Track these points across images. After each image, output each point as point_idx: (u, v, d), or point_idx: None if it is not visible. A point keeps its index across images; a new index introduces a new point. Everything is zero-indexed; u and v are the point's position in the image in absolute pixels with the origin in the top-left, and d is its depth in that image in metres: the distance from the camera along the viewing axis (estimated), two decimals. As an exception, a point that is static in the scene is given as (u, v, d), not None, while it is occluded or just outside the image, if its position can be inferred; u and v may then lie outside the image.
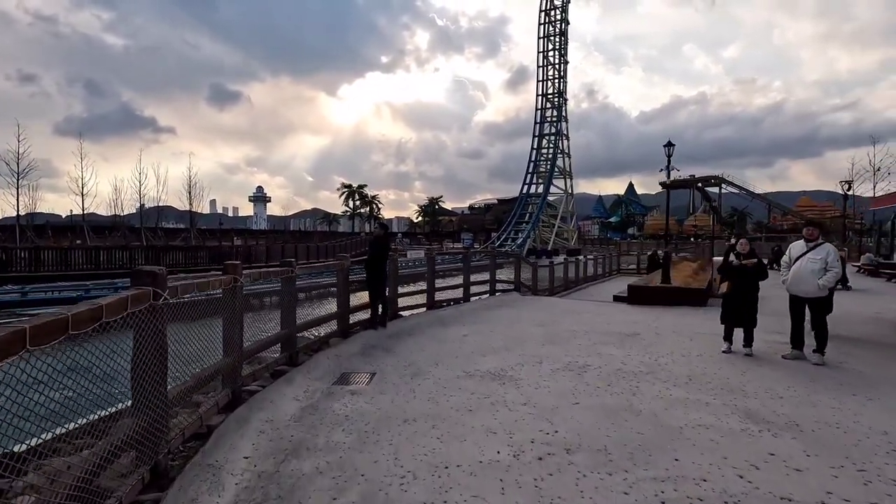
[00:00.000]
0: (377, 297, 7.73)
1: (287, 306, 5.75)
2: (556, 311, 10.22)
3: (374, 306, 7.76)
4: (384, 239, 7.87)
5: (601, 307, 10.80)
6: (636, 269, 25.36)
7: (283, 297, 5.75)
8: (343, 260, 7.22)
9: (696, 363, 5.73)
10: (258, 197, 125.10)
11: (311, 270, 6.84)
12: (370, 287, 7.63)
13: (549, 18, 70.50)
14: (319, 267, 6.95)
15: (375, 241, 7.73)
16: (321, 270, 6.98)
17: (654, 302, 10.97)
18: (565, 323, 8.60)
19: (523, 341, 7.02)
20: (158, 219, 49.60)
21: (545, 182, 67.41)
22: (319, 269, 6.93)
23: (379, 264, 7.69)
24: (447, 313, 9.40)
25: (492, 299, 11.59)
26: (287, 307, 5.75)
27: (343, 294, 7.26)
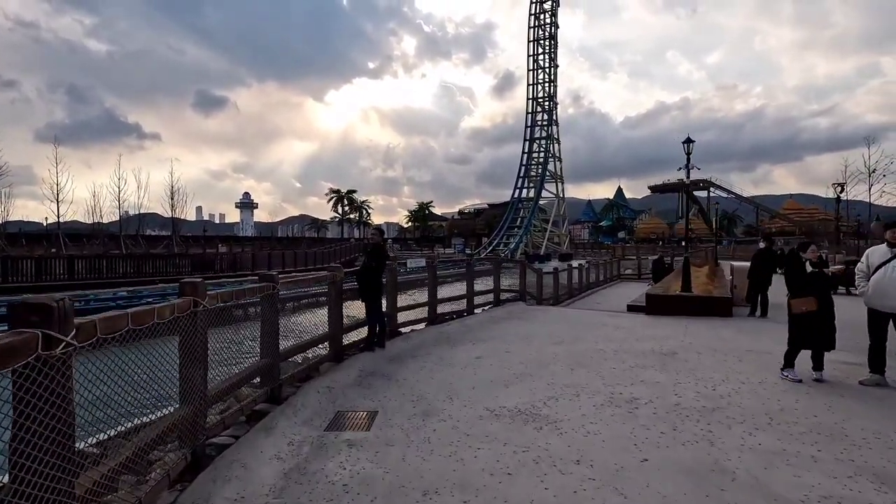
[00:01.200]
0: (374, 313, 6.70)
1: (268, 331, 4.70)
2: (571, 323, 9.25)
3: (370, 324, 6.72)
4: (382, 247, 6.86)
5: (619, 319, 9.86)
6: (637, 275, 24.56)
7: (264, 322, 4.69)
8: (335, 271, 6.18)
9: (766, 394, 4.77)
10: (245, 203, 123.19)
11: (298, 286, 5.81)
12: (366, 302, 6.59)
13: (539, 22, 70.21)
14: (308, 281, 5.87)
15: (373, 249, 6.71)
16: (310, 285, 5.86)
17: (675, 312, 10.06)
18: (587, 339, 7.62)
19: (547, 364, 6.02)
20: (140, 226, 47.92)
21: (537, 186, 66.79)
22: (308, 283, 5.83)
23: (376, 276, 6.66)
24: (453, 329, 8.38)
25: (498, 311, 10.59)
26: (268, 332, 4.69)
27: (336, 312, 6.21)
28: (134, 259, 26.17)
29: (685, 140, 11.26)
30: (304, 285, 6.02)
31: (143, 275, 25.35)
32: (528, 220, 63.82)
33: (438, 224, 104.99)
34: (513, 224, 64.91)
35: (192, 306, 3.26)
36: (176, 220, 50.15)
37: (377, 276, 6.68)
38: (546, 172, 67.46)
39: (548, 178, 67.98)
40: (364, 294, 6.53)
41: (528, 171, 68.58)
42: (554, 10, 69.98)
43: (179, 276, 28.29)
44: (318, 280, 5.84)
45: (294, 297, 16.76)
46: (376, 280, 6.67)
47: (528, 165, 68.71)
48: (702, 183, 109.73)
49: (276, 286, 4.72)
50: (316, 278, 5.82)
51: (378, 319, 6.79)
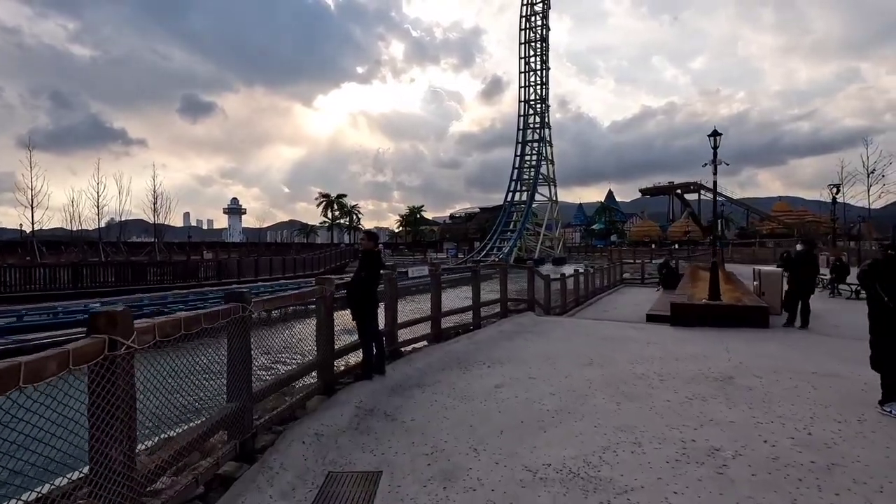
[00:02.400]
0: (370, 334, 5.59)
1: (237, 368, 3.58)
2: (594, 338, 8.20)
3: (366, 347, 5.61)
4: (376, 254, 5.75)
5: (644, 332, 8.83)
6: (640, 280, 23.67)
7: (232, 356, 3.56)
8: (324, 284, 5.07)
9: (881, 440, 3.74)
10: (233, 209, 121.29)
11: (276, 305, 4.65)
12: (361, 320, 5.49)
13: (530, 24, 69.64)
14: (289, 299, 4.74)
15: (367, 257, 5.61)
16: (293, 303, 4.72)
17: (703, 322, 9.06)
18: (619, 359, 6.57)
19: (584, 396, 4.95)
20: (122, 232, 46.23)
21: (530, 189, 65.98)
22: (289, 301, 4.69)
23: (369, 289, 5.56)
24: (461, 348, 7.29)
25: (507, 323, 9.52)
26: (237, 369, 3.57)
27: (325, 334, 5.10)
28: (109, 267, 24.70)
29: (711, 133, 10.27)
30: (285, 304, 4.87)
31: (122, 283, 23.91)
32: (521, 224, 62.89)
33: (430, 229, 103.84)
34: (506, 228, 63.95)
35: (103, 350, 2.15)
36: (161, 226, 48.57)
37: (371, 288, 5.59)
38: (539, 175, 66.67)
39: (540, 182, 67.22)
40: (356, 311, 5.43)
41: (520, 174, 67.74)
42: (545, 12, 69.50)
43: (158, 286, 26.90)
44: (303, 297, 4.73)
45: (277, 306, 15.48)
46: (371, 294, 5.57)
47: (521, 168, 67.86)
48: (692, 186, 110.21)
49: (248, 308, 3.61)
50: (300, 295, 4.70)
51: (375, 340, 5.68)
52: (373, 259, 5.60)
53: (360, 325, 5.51)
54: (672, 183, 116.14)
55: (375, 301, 5.68)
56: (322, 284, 5.12)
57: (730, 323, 8.91)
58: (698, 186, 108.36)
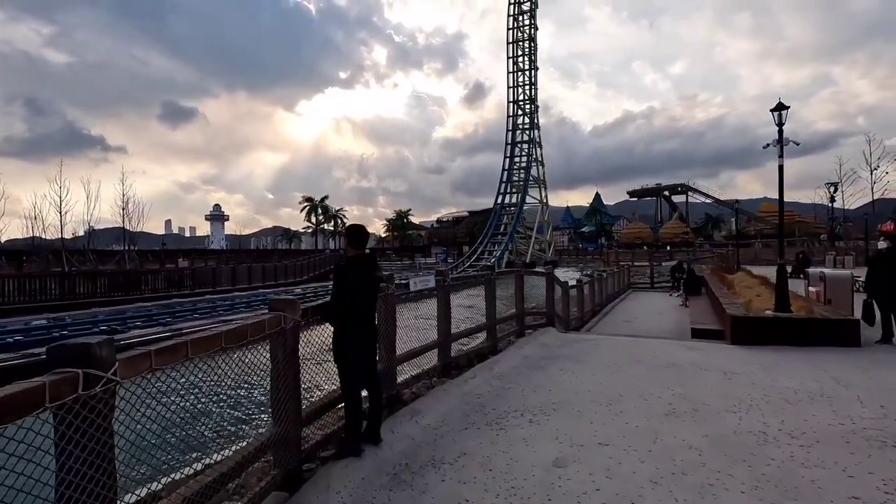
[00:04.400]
0: (359, 384, 3.64)
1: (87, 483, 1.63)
2: (649, 364, 6.34)
3: (352, 403, 3.64)
4: (366, 261, 3.68)
5: (706, 354, 6.99)
6: (650, 285, 22.01)
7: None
8: (282, 310, 3.13)
9: None
10: (215, 215, 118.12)
11: (171, 360, 2.56)
12: (345, 365, 3.54)
13: (518, 24, 68.26)
14: (210, 343, 2.75)
15: (353, 266, 3.60)
16: (220, 348, 2.68)
17: (775, 340, 7.27)
18: (706, 400, 4.71)
19: (699, 477, 3.07)
20: (90, 240, 43.40)
21: (520, 192, 64.37)
22: (209, 347, 2.67)
23: (367, 313, 3.64)
24: (482, 386, 5.37)
25: (528, 344, 7.62)
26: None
27: (288, 391, 3.16)
28: (67, 278, 22.27)
29: (775, 107, 8.46)
30: (200, 351, 2.76)
31: (76, 296, 21.51)
32: (512, 227, 61.17)
33: (417, 233, 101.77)
34: (496, 231, 62.16)
35: None
36: (134, 233, 45.80)
37: (369, 313, 3.66)
38: (529, 177, 65.12)
39: (531, 184, 65.67)
40: (341, 353, 3.50)
41: (510, 176, 66.09)
42: (532, 11, 68.16)
43: (129, 297, 24.44)
44: (244, 335, 2.76)
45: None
46: (368, 321, 3.65)
47: (511, 170, 66.21)
48: (680, 187, 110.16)
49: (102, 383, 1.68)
50: (239, 332, 2.74)
51: (369, 387, 3.74)
52: (369, 272, 3.63)
53: (343, 368, 3.57)
54: (659, 185, 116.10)
55: (375, 333, 3.75)
56: (280, 310, 3.18)
57: (809, 340, 7.14)
58: (686, 188, 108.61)
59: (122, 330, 13.52)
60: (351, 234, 3.69)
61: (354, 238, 3.66)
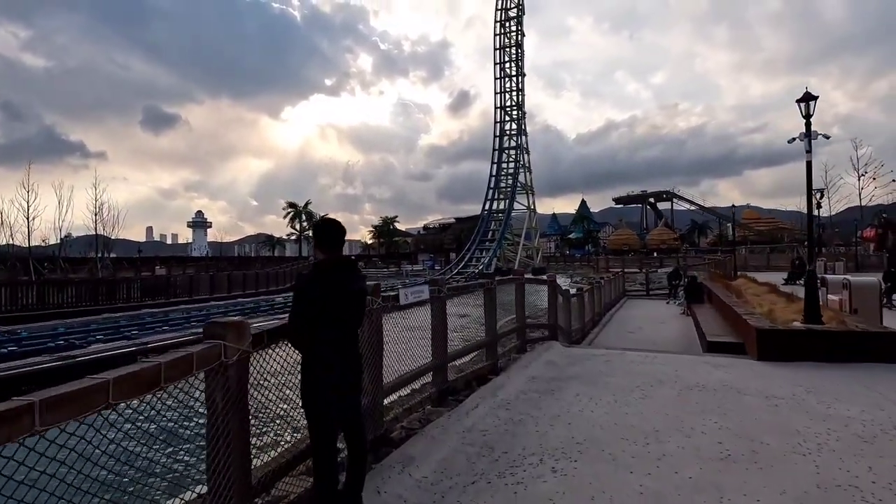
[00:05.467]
0: (334, 432, 2.68)
1: None
2: (675, 387, 5.49)
3: (325, 461, 2.67)
4: (349, 270, 2.70)
5: (735, 372, 6.17)
6: (645, 292, 21.35)
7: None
8: (221, 338, 2.20)
9: None
10: (197, 222, 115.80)
11: (80, 410, 1.65)
12: (316, 409, 2.60)
13: (505, 30, 68.09)
14: (129, 387, 1.76)
15: (323, 274, 2.59)
16: (138, 397, 1.71)
17: (808, 356, 6.50)
18: (762, 437, 3.86)
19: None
20: (62, 248, 41.57)
21: (508, 198, 63.84)
22: (128, 393, 1.70)
23: (346, 338, 2.72)
24: (486, 419, 4.45)
25: (534, 362, 6.73)
26: None
27: (232, 449, 2.23)
28: (20, 287, 20.84)
29: (801, 98, 7.72)
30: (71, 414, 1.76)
31: (43, 306, 20.10)
32: (500, 233, 60.51)
33: (403, 240, 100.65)
34: (484, 237, 61.44)
35: None
36: (116, 240, 44.05)
37: (351, 346, 2.74)
38: (517, 183, 64.64)
39: (519, 190, 65.19)
40: (310, 391, 2.57)
41: (497, 182, 65.55)
42: (519, 18, 68.05)
43: (98, 307, 22.98)
44: (151, 383, 1.81)
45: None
46: (352, 357, 2.72)
47: (498, 176, 65.68)
48: (665, 195, 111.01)
49: None
50: (143, 378, 1.79)
51: (349, 434, 2.79)
52: (352, 286, 2.66)
53: (313, 412, 2.62)
54: (645, 192, 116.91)
55: (359, 368, 2.82)
56: (219, 337, 2.24)
57: (844, 356, 6.37)
58: (671, 195, 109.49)
59: (80, 344, 12.33)
60: (320, 231, 2.70)
61: (325, 236, 2.66)
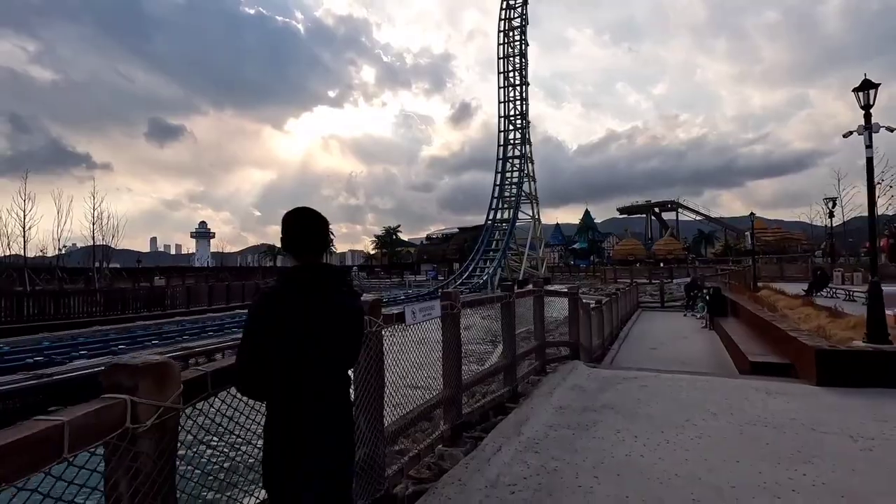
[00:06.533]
0: None
1: None
2: (731, 422, 4.59)
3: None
4: (332, 281, 1.79)
5: (798, 402, 5.27)
6: (660, 304, 20.41)
7: None
8: (142, 380, 1.36)
9: None
10: (201, 233, 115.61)
11: None
12: (281, 497, 1.76)
13: (508, 39, 67.85)
14: None
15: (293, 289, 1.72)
16: None
17: (877, 381, 5.60)
18: (874, 498, 2.98)
19: None
20: (59, 258, 40.91)
21: (512, 207, 63.04)
22: None
23: (329, 388, 1.85)
24: (512, 468, 3.56)
25: (558, 387, 5.83)
26: None
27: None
28: (13, 298, 20.09)
29: (860, 87, 6.85)
30: None
31: (30, 318, 19.30)
32: (504, 244, 59.58)
33: (406, 250, 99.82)
34: (488, 247, 60.52)
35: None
36: (119, 250, 43.38)
37: (344, 400, 1.87)
38: (521, 192, 63.85)
39: (523, 199, 64.39)
40: (272, 471, 1.71)
41: (502, 191, 64.81)
42: (523, 27, 67.84)
43: (93, 318, 22.17)
44: None
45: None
46: (343, 416, 1.84)
47: (502, 186, 64.95)
48: (670, 204, 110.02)
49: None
50: None
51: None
52: (312, 302, 1.74)
53: (278, 499, 1.76)
54: (649, 201, 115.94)
55: (350, 428, 1.93)
56: (124, 390, 1.41)
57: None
58: (676, 205, 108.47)
59: (59, 360, 11.47)
60: (288, 226, 1.81)
61: (295, 233, 1.80)
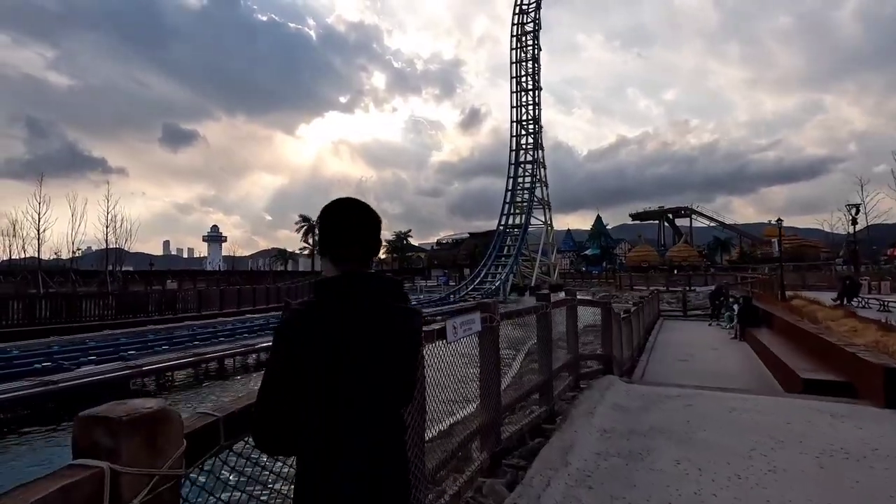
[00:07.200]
0: None
1: None
2: (807, 454, 4.06)
3: None
4: (384, 293, 1.34)
5: (874, 428, 4.71)
6: (682, 312, 19.75)
7: None
8: (122, 440, 0.92)
9: None
10: (212, 237, 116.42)
11: None
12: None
13: (521, 44, 67.56)
14: None
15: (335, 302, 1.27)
16: None
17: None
18: None
19: None
20: (73, 261, 41.10)
21: (524, 213, 62.46)
22: None
23: (377, 436, 1.40)
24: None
25: (599, 407, 5.32)
26: None
27: None
28: (21, 300, 19.97)
29: None
30: None
31: (40, 321, 19.15)
32: (517, 249, 58.96)
33: (417, 255, 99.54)
34: (500, 253, 59.95)
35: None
36: (132, 254, 43.54)
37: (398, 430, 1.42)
38: (534, 198, 63.27)
39: (535, 204, 63.82)
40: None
41: (513, 196, 64.29)
42: (536, 32, 67.51)
43: (104, 322, 22.05)
44: None
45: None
46: (398, 451, 1.39)
47: (514, 191, 64.44)
48: (683, 210, 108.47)
49: None
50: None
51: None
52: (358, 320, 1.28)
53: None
54: (662, 207, 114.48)
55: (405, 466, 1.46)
56: (101, 452, 0.96)
57: None
58: (690, 211, 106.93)
59: (67, 367, 11.17)
60: (329, 221, 1.39)
61: (336, 230, 1.38)
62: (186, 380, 13.29)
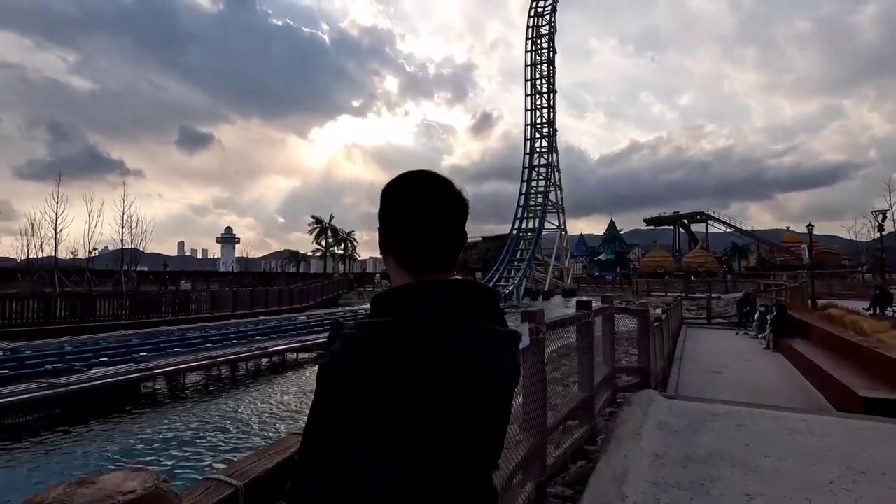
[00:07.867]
0: None
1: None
2: (890, 491, 3.58)
3: None
4: (481, 316, 0.91)
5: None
6: (706, 320, 19.08)
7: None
8: None
9: None
10: (226, 238, 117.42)
11: None
12: None
13: (536, 47, 67.11)
14: None
15: (425, 358, 0.83)
16: None
17: None
18: None
19: None
20: (89, 261, 41.39)
21: (538, 217, 61.84)
22: None
23: None
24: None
25: (645, 427, 4.86)
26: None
27: None
28: (40, 299, 19.95)
29: None
30: None
31: (56, 320, 19.10)
32: (531, 253, 58.31)
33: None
34: (513, 257, 59.34)
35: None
36: (148, 254, 43.87)
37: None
38: (548, 202, 62.63)
39: (550, 209, 63.16)
40: None
41: (527, 200, 63.71)
42: (551, 35, 67.05)
43: (118, 322, 22.01)
44: None
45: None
46: None
47: (528, 195, 63.87)
48: (699, 216, 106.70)
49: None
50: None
51: None
52: (447, 365, 0.84)
53: None
54: (677, 212, 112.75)
55: None
56: None
57: None
58: (705, 216, 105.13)
59: (79, 368, 10.93)
60: (398, 199, 0.96)
61: (416, 216, 0.93)
62: (198, 384, 13.00)
